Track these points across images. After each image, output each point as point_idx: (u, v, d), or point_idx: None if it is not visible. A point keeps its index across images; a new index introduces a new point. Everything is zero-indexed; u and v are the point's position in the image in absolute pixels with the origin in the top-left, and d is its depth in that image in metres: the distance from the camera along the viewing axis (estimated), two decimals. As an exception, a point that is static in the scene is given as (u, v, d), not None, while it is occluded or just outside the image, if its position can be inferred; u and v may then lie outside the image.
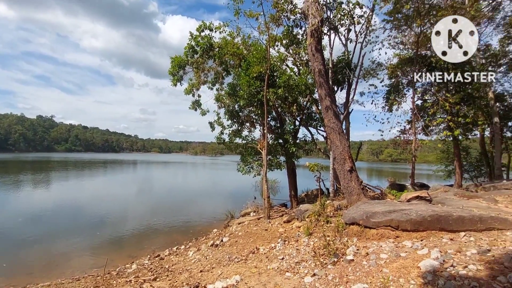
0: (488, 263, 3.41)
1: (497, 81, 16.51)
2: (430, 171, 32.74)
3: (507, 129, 18.31)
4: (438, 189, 9.63)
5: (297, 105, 14.44)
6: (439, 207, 5.45)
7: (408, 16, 13.18)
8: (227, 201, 20.35)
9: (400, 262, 3.96)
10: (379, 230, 5.43)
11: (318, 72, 8.80)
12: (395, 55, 15.59)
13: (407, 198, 6.89)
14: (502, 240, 4.02)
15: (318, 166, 7.81)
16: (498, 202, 7.17)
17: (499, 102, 16.90)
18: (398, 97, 15.18)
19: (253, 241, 8.84)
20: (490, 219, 4.50)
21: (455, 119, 12.48)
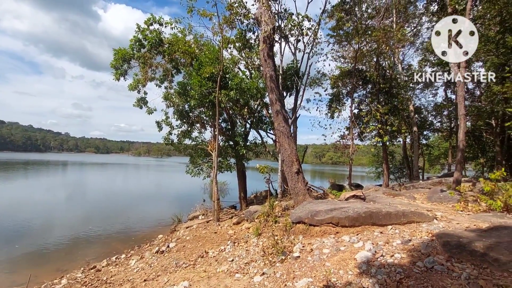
0: (409, 251, 4.00)
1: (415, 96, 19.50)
2: (364, 172, 36.64)
3: (423, 137, 21.76)
4: (370, 188, 10.91)
5: (249, 108, 14.70)
6: (372, 205, 6.16)
7: (348, 34, 14.66)
8: (174, 205, 19.46)
9: (340, 256, 4.36)
10: (322, 227, 5.87)
11: (269, 77, 9.13)
12: (337, 67, 17.15)
13: (345, 197, 7.61)
14: (419, 231, 4.75)
15: (268, 168, 8.08)
16: (416, 199, 8.45)
17: (417, 114, 19.98)
18: (339, 106, 16.70)
19: (202, 245, 8.65)
20: (411, 213, 5.28)
21: (384, 127, 14.32)
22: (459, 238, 3.78)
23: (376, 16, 15.31)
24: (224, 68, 13.03)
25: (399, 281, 3.26)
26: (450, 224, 4.90)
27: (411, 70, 21.07)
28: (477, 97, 19.88)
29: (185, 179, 19.00)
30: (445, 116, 21.33)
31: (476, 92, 20.30)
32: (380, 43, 14.25)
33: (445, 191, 7.90)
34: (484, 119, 18.95)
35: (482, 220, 4.96)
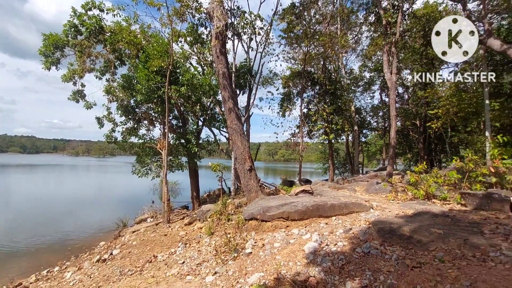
0: (350, 239, 4.36)
1: (356, 98, 21.44)
2: (313, 168, 38.92)
3: (362, 135, 24.05)
4: (317, 183, 11.65)
5: (201, 105, 14.34)
6: (318, 198, 6.58)
7: (298, 36, 15.35)
8: (118, 208, 17.92)
9: (289, 248, 4.54)
10: (274, 222, 6.05)
11: (222, 74, 9.02)
12: (288, 68, 17.84)
13: (295, 192, 7.97)
14: (358, 220, 5.22)
15: (220, 166, 8.01)
16: (357, 191, 9.29)
17: (358, 114, 22.00)
18: (290, 105, 17.41)
19: (150, 249, 8.16)
20: (351, 204, 5.78)
21: (330, 126, 15.42)
22: (391, 224, 4.26)
23: (323, 22, 16.34)
24: (174, 62, 12.46)
25: (341, 267, 3.54)
26: (383, 213, 5.51)
27: (353, 74, 23.11)
28: (405, 100, 22.75)
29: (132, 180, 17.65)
30: (380, 116, 23.96)
31: (405, 96, 23.23)
32: (326, 47, 15.25)
33: (380, 183, 8.86)
34: (411, 120, 21.83)
35: (409, 207, 5.70)
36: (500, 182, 6.30)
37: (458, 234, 3.65)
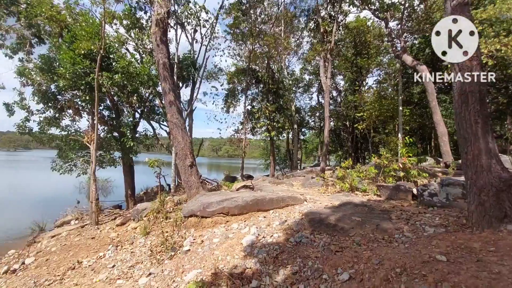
0: (285, 230, 4.65)
1: (296, 99, 22.80)
2: (255, 164, 39.95)
3: (301, 133, 25.76)
4: (258, 178, 12.06)
5: (138, 96, 13.28)
6: (258, 193, 6.81)
7: (244, 34, 15.48)
8: (34, 211, 15.33)
9: (228, 243, 4.60)
10: (214, 218, 6.03)
11: (162, 64, 8.50)
12: (233, 64, 17.87)
13: (236, 188, 8.09)
14: (293, 212, 5.60)
15: (159, 161, 7.58)
16: (294, 185, 9.92)
17: (298, 114, 23.43)
18: (234, 101, 17.50)
19: (73, 254, 7.25)
20: (288, 198, 6.16)
21: (272, 124, 16.07)
22: (320, 214, 4.70)
23: (268, 22, 16.83)
24: (107, 46, 11.24)
25: (276, 257, 3.76)
26: (315, 204, 6.03)
27: (294, 76, 24.48)
28: (338, 103, 25.18)
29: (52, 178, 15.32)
30: (317, 117, 26.03)
31: (338, 99, 25.71)
32: (270, 47, 15.78)
33: (314, 178, 9.65)
34: (342, 121, 24.32)
35: (336, 199, 6.36)
36: (406, 175, 7.54)
37: (373, 221, 4.25)
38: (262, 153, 30.19)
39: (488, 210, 3.42)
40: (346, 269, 3.09)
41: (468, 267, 2.61)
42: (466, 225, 3.72)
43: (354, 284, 2.79)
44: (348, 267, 3.11)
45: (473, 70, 3.71)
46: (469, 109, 3.67)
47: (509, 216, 3.35)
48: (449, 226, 3.87)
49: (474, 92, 3.66)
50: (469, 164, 3.63)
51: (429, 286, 2.42)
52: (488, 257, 2.77)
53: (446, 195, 4.82)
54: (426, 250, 3.09)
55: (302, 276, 3.26)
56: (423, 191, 5.20)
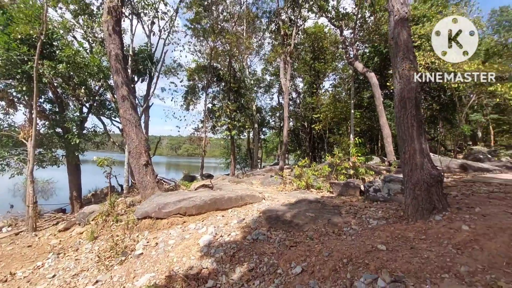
0: (243, 228, 4.69)
1: (257, 98, 23.11)
2: (216, 163, 39.44)
3: (262, 132, 26.17)
4: (218, 177, 11.96)
5: (87, 89, 12.16)
6: (217, 192, 6.75)
7: (206, 30, 15.16)
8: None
9: (184, 244, 4.48)
10: (170, 219, 5.81)
11: (115, 56, 7.90)
12: (194, 61, 17.38)
13: (195, 187, 7.91)
14: (252, 210, 5.67)
15: (109, 160, 7.03)
16: (253, 184, 10.04)
17: (259, 113, 23.75)
18: (194, 99, 17.04)
19: (5, 266, 6.35)
20: (247, 196, 6.21)
21: (232, 123, 16.03)
22: (277, 211, 4.84)
23: (230, 21, 16.74)
24: (49, 32, 10.08)
25: (233, 255, 3.77)
26: (273, 202, 6.19)
27: (256, 76, 24.78)
28: (297, 104, 26.16)
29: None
30: (277, 117, 26.71)
31: (297, 100, 26.69)
32: (232, 46, 15.72)
33: (273, 176, 9.89)
34: (301, 121, 25.35)
35: (293, 196, 6.61)
36: (356, 173, 8.16)
37: (325, 216, 4.51)
38: (223, 152, 29.95)
39: (420, 203, 3.87)
40: (299, 262, 3.24)
41: (403, 254, 2.93)
42: (403, 217, 4.16)
43: (306, 276, 2.93)
44: (301, 261, 3.25)
45: (410, 79, 4.16)
46: (406, 113, 4.11)
47: (437, 208, 3.84)
48: (389, 218, 4.29)
49: (411, 99, 4.11)
50: (406, 163, 4.08)
51: (371, 273, 2.65)
52: (419, 244, 3.14)
53: (388, 190, 5.34)
54: (370, 241, 3.39)
55: (258, 273, 3.32)
56: (369, 187, 5.69)
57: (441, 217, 3.67)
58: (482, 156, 13.69)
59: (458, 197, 4.85)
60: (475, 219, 3.47)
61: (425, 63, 12.95)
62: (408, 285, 2.37)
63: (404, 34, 4.34)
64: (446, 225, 3.43)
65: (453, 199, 4.60)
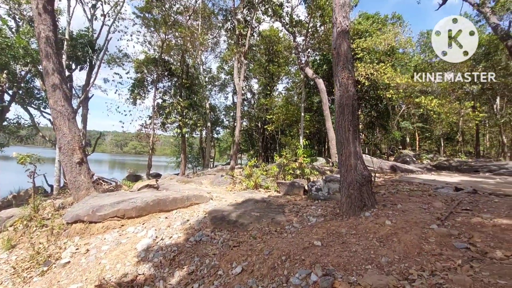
0: (186, 230, 4.53)
1: (211, 97, 22.74)
2: (166, 162, 37.64)
3: (215, 131, 25.82)
4: (166, 177, 11.39)
5: (10, 74, 10.45)
6: (162, 192, 6.41)
7: (157, 21, 14.31)
8: None
9: (120, 249, 4.14)
10: (106, 222, 5.32)
11: (45, 38, 6.92)
12: (143, 52, 16.27)
13: (138, 188, 7.40)
14: (198, 211, 5.52)
15: (32, 157, 6.12)
16: (203, 184, 9.82)
17: (212, 112, 23.38)
18: (142, 92, 15.95)
19: None
20: (193, 197, 6.03)
21: (184, 120, 15.45)
22: (223, 212, 4.79)
23: (184, 14, 16.11)
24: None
25: (173, 259, 3.61)
26: (221, 202, 6.13)
27: (211, 73, 24.37)
28: (252, 105, 26.48)
29: None
30: (231, 116, 26.66)
31: (252, 101, 27.03)
32: (186, 40, 15.16)
33: (223, 176, 9.81)
34: (254, 122, 25.72)
35: (241, 196, 6.64)
36: (302, 173, 8.58)
37: (269, 215, 4.63)
38: (174, 150, 28.74)
39: (353, 201, 4.23)
40: (240, 262, 3.25)
41: (336, 248, 3.16)
42: (339, 214, 4.50)
43: (245, 276, 2.95)
44: (242, 260, 3.27)
45: (348, 87, 4.53)
46: (344, 119, 4.46)
47: (367, 205, 4.25)
48: (327, 215, 4.60)
49: (348, 105, 4.47)
50: (343, 164, 4.42)
51: (305, 269, 2.79)
52: (350, 239, 3.42)
53: (328, 189, 5.73)
54: (308, 238, 3.57)
55: (198, 275, 3.24)
56: (312, 187, 6.03)
57: (370, 214, 4.06)
58: (408, 159, 15.66)
59: (386, 195, 5.44)
60: (397, 215, 3.93)
61: (366, 73, 14.31)
62: (337, 278, 2.55)
63: (345, 45, 4.70)
64: (373, 220, 3.81)
65: (381, 197, 5.15)
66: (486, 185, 6.63)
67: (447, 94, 18.39)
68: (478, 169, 11.82)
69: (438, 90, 18.14)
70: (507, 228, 3.14)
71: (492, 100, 21.42)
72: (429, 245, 2.94)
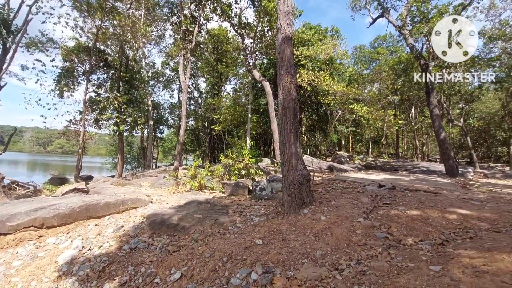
0: (120, 237, 4.14)
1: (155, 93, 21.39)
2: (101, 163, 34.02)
3: (159, 130, 24.36)
4: (99, 180, 10.24)
5: None
6: (93, 197, 5.74)
7: (90, 4, 12.80)
8: None
9: (36, 264, 3.56)
10: (19, 233, 4.51)
11: None
12: (73, 38, 14.35)
13: (63, 192, 6.48)
14: (134, 216, 5.11)
15: None
16: (142, 186, 9.15)
17: (156, 110, 22.01)
18: (71, 84, 14.05)
19: None
20: (130, 201, 5.56)
21: (121, 117, 14.14)
22: (163, 215, 4.53)
23: (125, 1, 14.79)
24: None
25: (102, 270, 3.25)
26: (161, 205, 5.79)
27: (155, 68, 22.89)
28: (199, 104, 25.81)
29: None
30: (177, 115, 25.50)
31: (199, 100, 26.34)
32: (125, 30, 13.91)
33: (166, 177, 9.30)
34: (201, 122, 25.10)
35: (184, 198, 6.39)
36: (247, 174, 8.70)
37: (213, 216, 4.55)
38: (110, 150, 26.11)
39: (294, 199, 4.46)
40: (179, 267, 3.11)
41: (276, 246, 3.27)
42: (280, 212, 4.68)
43: (184, 281, 2.84)
44: (182, 265, 3.13)
45: (291, 91, 4.76)
46: (287, 121, 4.67)
47: (306, 203, 4.52)
48: (269, 214, 4.75)
49: (290, 108, 4.70)
50: (285, 164, 4.62)
51: (246, 268, 2.81)
52: (289, 236, 3.58)
53: (271, 189, 5.93)
54: (250, 237, 3.62)
55: (132, 286, 2.98)
56: (256, 187, 6.15)
57: (308, 211, 4.33)
58: (343, 159, 17.32)
59: (322, 192, 5.88)
60: (331, 211, 4.27)
61: (308, 80, 15.29)
62: (276, 274, 2.64)
63: (288, 51, 4.93)
64: (311, 217, 4.07)
65: (318, 195, 5.55)
66: (403, 182, 7.74)
67: (374, 102, 20.93)
68: (398, 168, 13.75)
69: (368, 98, 20.52)
70: (416, 218, 3.70)
71: (408, 110, 25.17)
72: (356, 237, 3.27)
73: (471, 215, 3.76)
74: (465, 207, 4.19)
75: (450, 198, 5.00)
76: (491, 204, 4.59)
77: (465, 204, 4.43)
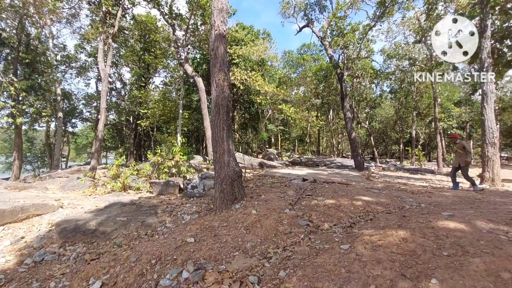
0: (20, 250, 3.46)
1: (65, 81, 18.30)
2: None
3: (70, 124, 20.95)
4: (-15, 183, 8.20)
5: None
6: (-24, 205, 4.59)
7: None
8: None
9: None
10: None
11: None
12: None
13: None
14: (39, 224, 4.33)
15: None
16: (49, 189, 7.77)
17: (67, 100, 18.87)
18: None
19: None
20: (32, 206, 4.67)
21: (20, 107, 11.62)
22: (77, 221, 3.98)
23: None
24: None
25: (-6, 292, 2.67)
26: (74, 210, 5.05)
27: (66, 51, 19.55)
28: (122, 96, 23.32)
29: None
30: (94, 107, 22.45)
31: (122, 92, 23.80)
32: (26, 2, 11.45)
33: (80, 178, 8.13)
34: (125, 116, 22.75)
35: (104, 200, 5.72)
36: (178, 172, 8.36)
37: (139, 218, 4.24)
38: (3, 147, 21.14)
39: (226, 195, 4.53)
40: (100, 276, 2.80)
41: (208, 242, 3.28)
42: (212, 209, 4.70)
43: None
44: (102, 274, 2.84)
45: (224, 88, 4.81)
46: (220, 118, 4.71)
47: (237, 198, 4.65)
48: (201, 211, 4.71)
49: (223, 106, 4.74)
50: (217, 161, 4.65)
51: (177, 268, 2.74)
52: (221, 231, 3.64)
53: (203, 186, 5.87)
54: (181, 236, 3.53)
55: (37, 304, 2.55)
56: (187, 185, 5.99)
57: (239, 205, 4.47)
58: (273, 156, 18.38)
59: (253, 187, 6.15)
60: (261, 204, 4.52)
61: (241, 78, 15.61)
62: (208, 269, 2.66)
63: (222, 48, 4.95)
64: (242, 211, 4.22)
65: (250, 190, 5.78)
66: (322, 175, 8.73)
67: (300, 104, 22.86)
68: (318, 163, 15.39)
69: (295, 100, 22.26)
70: (331, 206, 4.25)
71: (328, 112, 28.40)
72: (283, 227, 3.56)
73: (372, 201, 4.55)
74: (368, 195, 5.03)
75: (357, 188, 5.91)
76: (386, 191, 5.64)
77: (367, 192, 5.32)
